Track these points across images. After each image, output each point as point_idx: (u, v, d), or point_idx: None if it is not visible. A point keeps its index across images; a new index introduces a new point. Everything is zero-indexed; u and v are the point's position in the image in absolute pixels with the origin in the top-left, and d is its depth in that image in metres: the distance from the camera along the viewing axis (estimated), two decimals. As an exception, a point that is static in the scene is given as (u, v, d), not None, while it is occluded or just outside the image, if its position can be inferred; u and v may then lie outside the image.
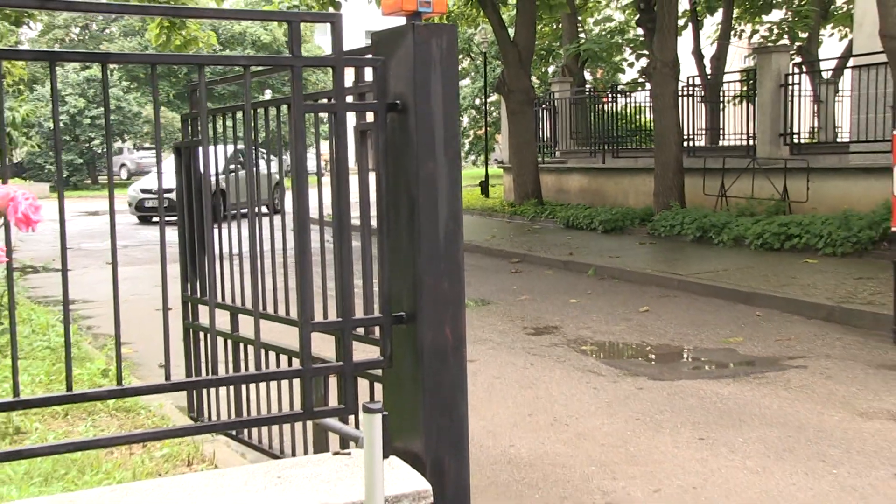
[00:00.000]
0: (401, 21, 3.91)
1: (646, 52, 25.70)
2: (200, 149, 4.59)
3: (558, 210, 21.42)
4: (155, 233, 5.12)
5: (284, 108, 4.58)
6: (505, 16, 23.68)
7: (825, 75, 22.91)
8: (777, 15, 30.21)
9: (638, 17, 22.32)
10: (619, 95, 25.84)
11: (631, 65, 34.14)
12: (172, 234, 5.29)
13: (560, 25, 29.33)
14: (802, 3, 27.73)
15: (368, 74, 4.21)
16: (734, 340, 9.74)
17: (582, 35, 30.24)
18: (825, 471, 5.93)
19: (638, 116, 26.11)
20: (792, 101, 18.95)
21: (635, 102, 26.29)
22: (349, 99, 4.15)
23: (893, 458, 6.13)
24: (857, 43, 18.36)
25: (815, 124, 21.83)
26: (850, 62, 19.16)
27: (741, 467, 6.03)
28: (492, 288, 13.58)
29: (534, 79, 25.99)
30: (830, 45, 29.41)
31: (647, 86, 23.31)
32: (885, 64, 13.85)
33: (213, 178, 5.19)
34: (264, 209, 5.09)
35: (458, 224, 4.00)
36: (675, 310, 11.57)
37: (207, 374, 5.57)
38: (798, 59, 20.69)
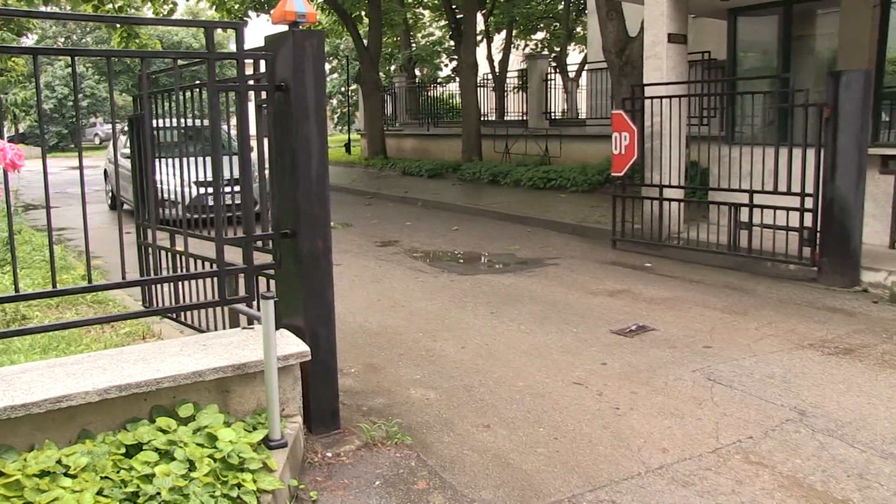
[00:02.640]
0: (285, 28, 3.79)
1: (456, 56, 25.60)
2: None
3: (398, 162, 21.26)
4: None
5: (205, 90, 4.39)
6: (361, 30, 23.20)
7: (571, 75, 23.27)
8: (541, 35, 30.57)
9: (451, 33, 22.21)
10: (438, 85, 25.87)
11: (446, 65, 34.12)
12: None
13: (399, 38, 28.94)
14: (556, 28, 28.14)
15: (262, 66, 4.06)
16: (513, 248, 9.91)
17: (413, 44, 30.00)
18: (568, 329, 6.11)
19: (451, 100, 26.08)
20: (549, 91, 19.28)
21: (449, 90, 26.27)
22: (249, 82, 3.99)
23: (609, 320, 6.36)
24: (590, 55, 18.78)
25: (565, 107, 22.24)
26: (586, 67, 19.53)
27: (517, 330, 6.15)
28: (352, 215, 13.42)
29: (381, 74, 25.60)
30: (574, 56, 29.88)
31: (457, 79, 23.28)
32: (606, 69, 14.20)
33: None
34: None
35: (325, 168, 3.93)
36: (475, 228, 11.68)
37: (153, 275, 5.40)
38: (554, 64, 20.94)
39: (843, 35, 9.54)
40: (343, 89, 37.42)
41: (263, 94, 3.98)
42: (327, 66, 39.13)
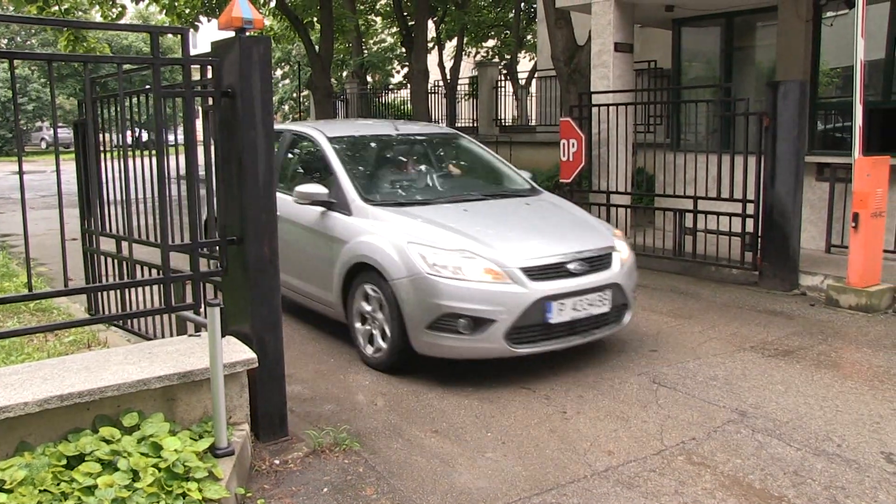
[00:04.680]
0: (231, 34, 3.75)
1: (407, 63, 25.62)
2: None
3: (350, 168, 21.14)
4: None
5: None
6: (313, 36, 23.06)
7: (521, 82, 23.43)
8: (491, 42, 30.77)
9: (402, 40, 22.23)
10: (390, 92, 25.91)
11: (398, 72, 34.09)
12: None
13: (350, 44, 28.87)
14: (507, 36, 28.35)
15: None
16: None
17: (365, 50, 29.94)
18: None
19: (403, 106, 26.06)
20: (500, 98, 19.42)
21: (401, 97, 26.27)
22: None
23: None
24: (539, 62, 18.91)
25: (516, 113, 22.39)
26: (536, 75, 19.69)
27: (466, 335, 6.12)
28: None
29: (333, 80, 25.48)
30: (524, 63, 30.15)
31: (408, 86, 23.30)
32: (555, 76, 14.33)
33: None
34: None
35: (272, 174, 3.90)
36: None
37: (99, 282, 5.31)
38: (504, 72, 21.10)
39: (780, 47, 9.80)
40: (295, 95, 37.20)
41: (210, 101, 3.94)
42: (279, 72, 38.80)
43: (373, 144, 6.71)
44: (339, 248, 5.48)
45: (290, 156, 6.89)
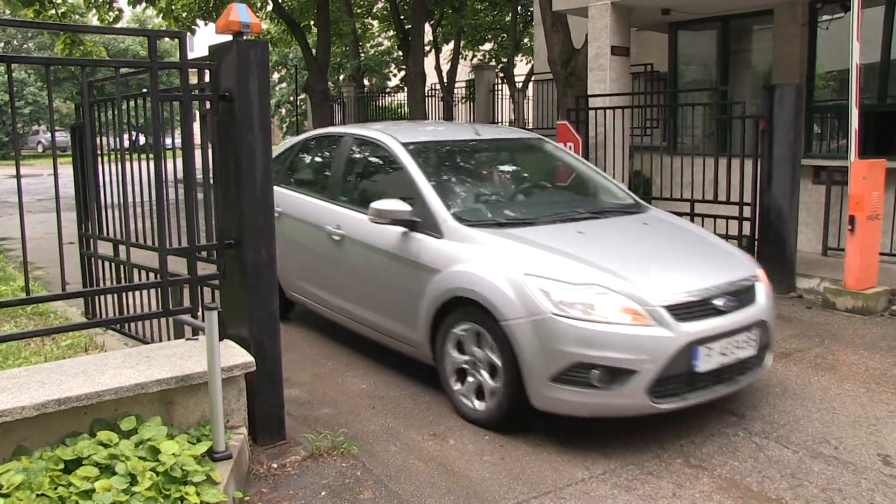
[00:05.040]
0: (229, 37, 3.76)
1: (404, 66, 25.65)
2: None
3: (347, 172, 21.13)
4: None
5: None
6: (309, 39, 23.09)
7: (518, 86, 23.47)
8: (488, 46, 30.84)
9: (399, 43, 22.28)
10: (386, 95, 25.96)
11: (394, 75, 34.13)
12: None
13: (347, 47, 28.91)
14: (504, 39, 28.42)
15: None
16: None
17: (362, 54, 29.99)
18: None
19: (399, 109, 26.10)
20: (496, 102, 19.46)
21: (397, 100, 26.32)
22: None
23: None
24: (536, 66, 18.92)
25: (512, 117, 22.41)
26: (533, 78, 19.72)
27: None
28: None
29: (330, 83, 25.51)
30: (521, 67, 30.20)
31: (405, 89, 23.33)
32: (552, 80, 14.35)
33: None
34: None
35: (270, 178, 3.92)
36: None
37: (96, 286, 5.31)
38: (501, 75, 21.13)
39: (776, 50, 9.83)
40: (291, 98, 37.25)
41: (208, 104, 3.95)
42: (276, 76, 38.81)
43: (454, 152, 5.70)
44: (428, 279, 4.57)
45: (353, 165, 5.91)
